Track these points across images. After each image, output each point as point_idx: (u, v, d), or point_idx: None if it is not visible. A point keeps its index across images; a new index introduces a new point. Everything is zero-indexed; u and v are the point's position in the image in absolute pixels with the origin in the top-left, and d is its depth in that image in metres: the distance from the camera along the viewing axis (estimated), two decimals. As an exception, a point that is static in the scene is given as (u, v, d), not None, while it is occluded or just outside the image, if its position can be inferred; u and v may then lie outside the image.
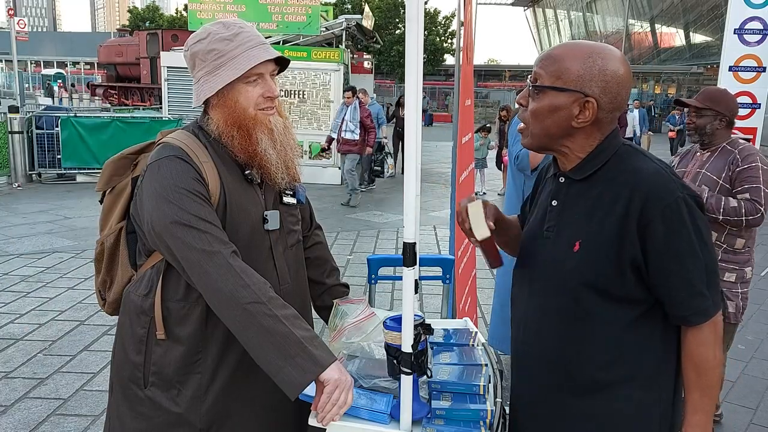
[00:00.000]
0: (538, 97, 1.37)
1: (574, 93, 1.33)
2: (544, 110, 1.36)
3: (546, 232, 1.45)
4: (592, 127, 1.37)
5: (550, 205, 1.46)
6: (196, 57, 1.53)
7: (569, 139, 1.39)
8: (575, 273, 1.36)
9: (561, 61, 1.34)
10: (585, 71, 1.32)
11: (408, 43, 1.27)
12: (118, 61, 25.29)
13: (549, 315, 1.43)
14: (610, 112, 1.36)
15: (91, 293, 5.00)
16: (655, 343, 1.37)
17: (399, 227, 7.81)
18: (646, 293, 1.34)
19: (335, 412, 1.37)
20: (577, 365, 1.40)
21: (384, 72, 37.18)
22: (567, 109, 1.34)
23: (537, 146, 1.44)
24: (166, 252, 1.46)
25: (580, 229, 1.37)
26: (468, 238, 1.54)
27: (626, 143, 1.42)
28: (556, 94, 1.34)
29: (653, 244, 1.29)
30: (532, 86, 1.38)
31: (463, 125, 3.34)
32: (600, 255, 1.33)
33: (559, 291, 1.40)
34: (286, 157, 1.60)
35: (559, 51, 1.37)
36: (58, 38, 68.73)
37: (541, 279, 1.46)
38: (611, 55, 1.34)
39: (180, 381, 1.53)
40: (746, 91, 6.81)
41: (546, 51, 1.40)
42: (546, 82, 1.36)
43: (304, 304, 1.73)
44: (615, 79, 1.33)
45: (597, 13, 52.47)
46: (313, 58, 11.13)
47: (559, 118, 1.36)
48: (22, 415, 3.22)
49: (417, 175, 1.32)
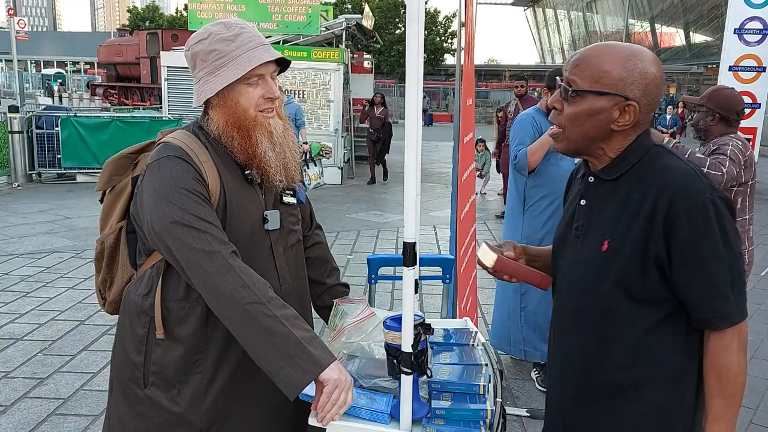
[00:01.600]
0: (575, 101, 1.36)
1: (615, 96, 1.32)
2: (583, 114, 1.35)
3: (575, 231, 1.45)
4: (630, 129, 1.36)
5: (578, 205, 1.46)
6: (197, 57, 1.53)
7: (606, 142, 1.38)
8: (603, 273, 1.36)
9: (599, 64, 1.33)
10: (626, 74, 1.31)
11: (408, 43, 1.27)
12: (118, 61, 25.27)
13: (574, 315, 1.43)
14: (648, 114, 1.37)
15: (91, 293, 4.99)
16: (678, 346, 1.36)
17: (399, 227, 7.81)
18: (669, 294, 1.33)
19: (335, 412, 1.37)
20: (597, 366, 1.40)
21: (384, 72, 37.16)
22: (607, 113, 1.33)
23: (574, 150, 1.43)
24: (165, 252, 1.46)
25: (609, 228, 1.37)
26: (493, 275, 1.58)
27: (656, 144, 1.41)
28: (596, 98, 1.33)
29: (677, 244, 1.28)
30: (571, 90, 1.36)
31: (465, 125, 3.35)
32: (627, 254, 1.32)
33: (585, 291, 1.40)
34: (285, 159, 1.61)
35: (595, 53, 1.35)
36: (58, 38, 68.73)
37: (569, 279, 1.46)
38: (648, 57, 1.33)
39: (180, 381, 1.54)
40: (746, 91, 6.80)
41: (578, 54, 1.38)
42: (584, 86, 1.34)
43: (304, 304, 1.73)
44: (654, 81, 1.33)
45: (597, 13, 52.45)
46: (313, 58, 11.12)
47: (599, 122, 1.34)
48: (22, 415, 3.22)
49: (417, 175, 1.32)
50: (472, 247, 3.72)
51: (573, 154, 1.46)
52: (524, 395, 3.58)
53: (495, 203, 9.86)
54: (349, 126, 12.77)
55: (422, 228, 7.33)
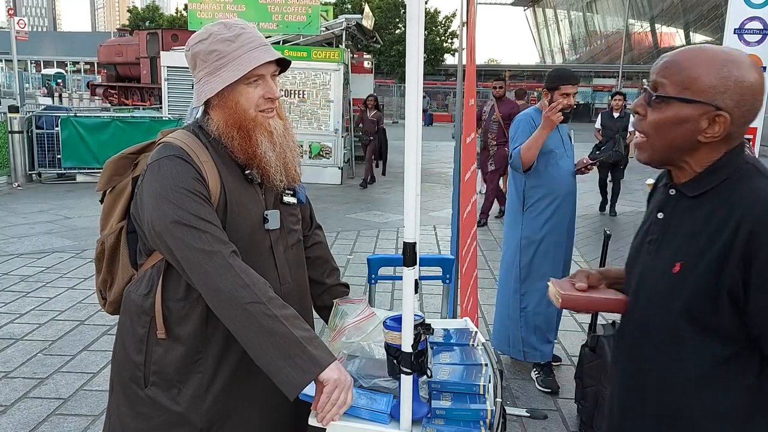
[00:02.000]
0: (659, 108, 1.26)
1: (704, 105, 1.21)
2: (668, 122, 1.25)
3: (648, 245, 1.37)
4: (719, 141, 1.25)
5: (655, 217, 1.37)
6: (197, 57, 1.53)
7: (691, 154, 1.27)
8: (671, 296, 1.27)
9: (690, 68, 1.22)
10: (719, 82, 1.20)
11: (408, 43, 1.27)
12: (118, 61, 25.29)
13: (638, 333, 1.36)
14: (742, 126, 1.25)
15: (91, 293, 5.00)
16: (747, 389, 1.24)
17: (399, 227, 7.81)
18: (742, 329, 1.21)
19: (335, 412, 1.37)
20: (655, 391, 1.32)
21: (384, 72, 37.17)
22: (694, 122, 1.23)
23: (658, 160, 1.32)
24: (165, 252, 1.46)
25: (683, 249, 1.27)
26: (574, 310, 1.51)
27: (751, 161, 1.28)
28: (683, 106, 1.23)
29: (756, 277, 1.16)
30: (655, 96, 1.26)
31: (467, 125, 3.35)
32: (699, 281, 1.22)
33: (651, 311, 1.32)
34: (286, 159, 1.61)
35: (687, 56, 1.24)
36: (58, 38, 68.74)
37: (637, 294, 1.38)
38: (745, 63, 1.22)
39: (180, 380, 1.54)
40: (746, 91, 6.76)
41: (669, 56, 1.27)
42: (671, 92, 1.24)
43: (304, 304, 1.73)
44: (751, 91, 1.21)
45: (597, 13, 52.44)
46: (313, 57, 11.12)
47: (685, 132, 1.24)
48: (22, 415, 3.22)
49: (417, 175, 1.32)
50: (473, 247, 3.72)
51: (657, 165, 1.35)
52: (524, 395, 3.58)
53: (494, 203, 9.85)
54: (349, 126, 12.78)
55: (422, 228, 7.33)
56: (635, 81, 40.86)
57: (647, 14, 46.78)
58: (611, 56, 49.64)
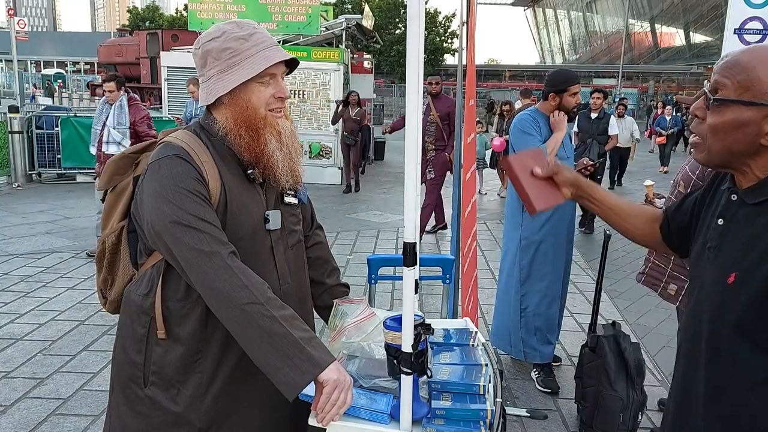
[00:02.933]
0: (719, 111, 1.22)
1: (766, 108, 1.17)
2: (726, 126, 1.21)
3: (707, 252, 1.31)
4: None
5: (715, 222, 1.31)
6: (208, 55, 1.53)
7: (753, 158, 1.23)
8: (724, 308, 1.22)
9: (752, 69, 1.18)
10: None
11: (409, 42, 1.26)
12: (118, 61, 25.25)
13: (695, 338, 1.33)
14: None
15: (91, 293, 5.00)
16: None
17: (399, 227, 7.81)
18: None
19: (335, 412, 1.37)
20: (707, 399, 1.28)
21: (384, 72, 37.18)
22: (756, 126, 1.18)
23: (716, 164, 1.28)
24: (165, 251, 1.46)
25: (739, 259, 1.21)
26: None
27: None
28: (743, 109, 1.19)
29: None
30: (713, 99, 1.22)
31: (468, 125, 3.35)
32: (753, 294, 1.16)
33: (706, 319, 1.28)
34: (291, 160, 1.61)
35: (749, 57, 1.20)
36: (58, 38, 68.71)
37: (696, 298, 1.35)
38: None
39: (180, 380, 1.54)
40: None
41: (731, 56, 1.23)
42: (731, 95, 1.20)
43: (304, 304, 1.73)
44: None
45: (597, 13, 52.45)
46: (313, 58, 11.13)
47: (745, 135, 1.20)
48: (22, 415, 3.22)
49: (417, 175, 1.32)
50: (473, 247, 3.72)
51: (715, 168, 1.32)
52: (524, 395, 3.58)
53: (494, 203, 9.86)
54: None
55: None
56: (635, 81, 40.88)
57: (647, 14, 46.81)
58: (611, 56, 49.67)
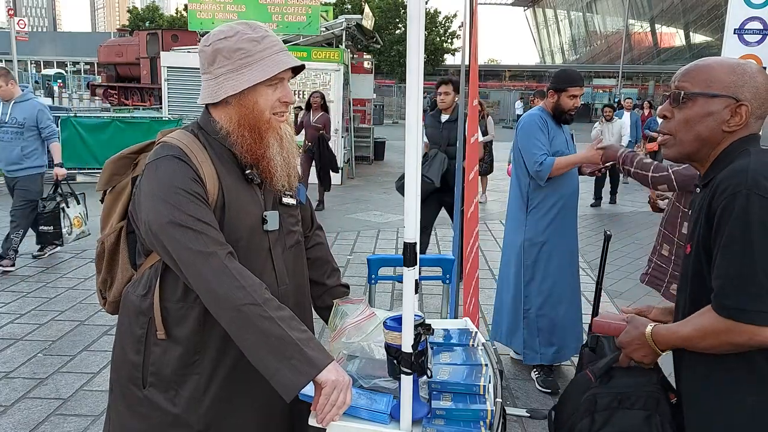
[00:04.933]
0: (686, 106, 1.43)
1: (726, 98, 1.38)
2: (696, 117, 1.42)
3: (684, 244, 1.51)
4: (740, 131, 1.40)
5: (690, 217, 1.51)
6: (219, 53, 1.51)
7: (716, 148, 1.43)
8: (688, 278, 1.42)
9: (711, 69, 1.41)
10: (737, 78, 1.38)
11: (409, 42, 1.26)
12: (118, 61, 25.27)
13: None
14: (757, 119, 1.41)
15: (91, 293, 4.99)
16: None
17: (399, 227, 7.81)
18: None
19: (334, 412, 1.37)
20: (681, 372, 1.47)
21: (384, 72, 37.20)
22: (719, 114, 1.39)
23: (686, 153, 1.47)
24: (162, 252, 1.46)
25: (692, 233, 1.43)
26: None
27: (763, 148, 1.40)
28: (708, 101, 1.40)
29: (715, 234, 1.32)
30: (683, 94, 1.43)
31: (471, 125, 3.35)
32: (697, 256, 1.38)
33: (686, 302, 1.45)
34: (290, 165, 1.61)
35: (704, 62, 1.44)
36: (58, 38, 68.62)
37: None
38: (755, 67, 1.42)
39: (178, 382, 1.53)
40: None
41: (688, 65, 1.46)
42: (696, 90, 1.41)
43: (303, 305, 1.72)
44: (764, 87, 1.39)
45: (597, 13, 52.48)
46: (313, 58, 11.12)
47: (712, 123, 1.40)
48: (22, 415, 3.22)
49: (417, 175, 1.32)
50: (476, 247, 3.72)
51: (685, 159, 1.49)
52: (524, 395, 3.58)
53: (495, 204, 9.86)
54: (349, 126, 12.78)
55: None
56: (635, 81, 40.87)
57: (647, 14, 46.81)
58: (611, 56, 49.66)
